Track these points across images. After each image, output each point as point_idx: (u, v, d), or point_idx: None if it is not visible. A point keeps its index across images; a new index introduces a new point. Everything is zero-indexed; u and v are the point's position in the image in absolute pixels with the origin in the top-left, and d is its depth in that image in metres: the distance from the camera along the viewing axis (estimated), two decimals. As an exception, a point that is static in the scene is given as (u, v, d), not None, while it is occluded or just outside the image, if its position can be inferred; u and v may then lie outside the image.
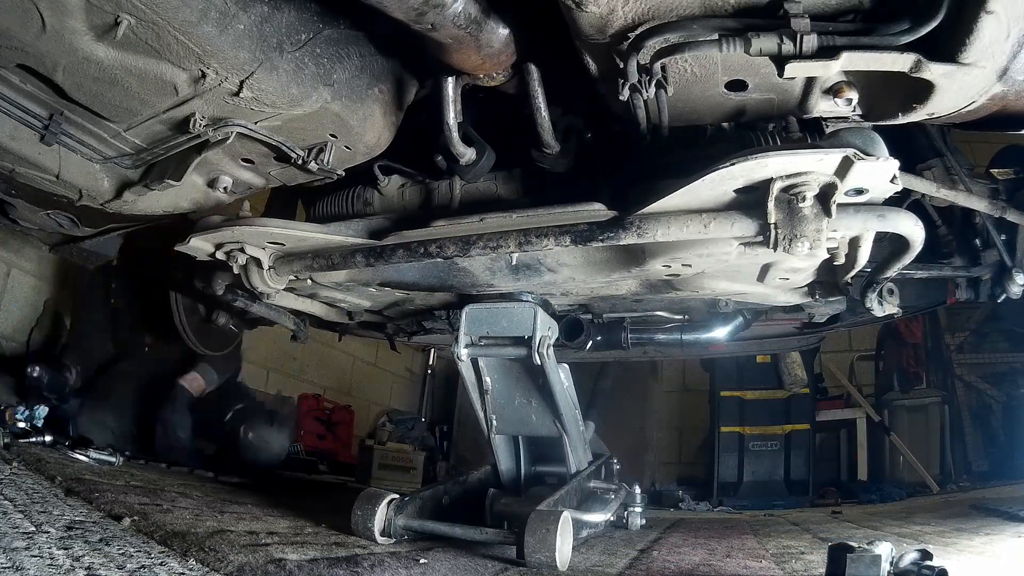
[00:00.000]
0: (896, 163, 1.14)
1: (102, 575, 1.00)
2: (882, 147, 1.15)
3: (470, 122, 1.58)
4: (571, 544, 1.53)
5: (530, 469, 2.15)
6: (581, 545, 1.86)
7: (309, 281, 1.89)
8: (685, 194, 1.28)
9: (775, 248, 1.24)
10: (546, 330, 1.83)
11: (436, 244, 1.57)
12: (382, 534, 1.67)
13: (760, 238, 1.28)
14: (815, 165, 1.17)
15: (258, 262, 1.77)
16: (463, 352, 1.84)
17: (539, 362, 1.76)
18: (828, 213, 1.21)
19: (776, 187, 1.21)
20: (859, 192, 1.23)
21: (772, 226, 1.23)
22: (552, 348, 1.81)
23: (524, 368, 1.90)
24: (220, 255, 1.76)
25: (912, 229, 1.32)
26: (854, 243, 1.38)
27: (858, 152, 1.12)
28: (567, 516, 1.51)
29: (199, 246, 1.74)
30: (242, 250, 1.73)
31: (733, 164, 1.17)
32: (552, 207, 1.51)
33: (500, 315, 1.85)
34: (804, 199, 1.20)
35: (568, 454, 2.02)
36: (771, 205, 1.21)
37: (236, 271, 1.79)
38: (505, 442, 2.11)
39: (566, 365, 1.99)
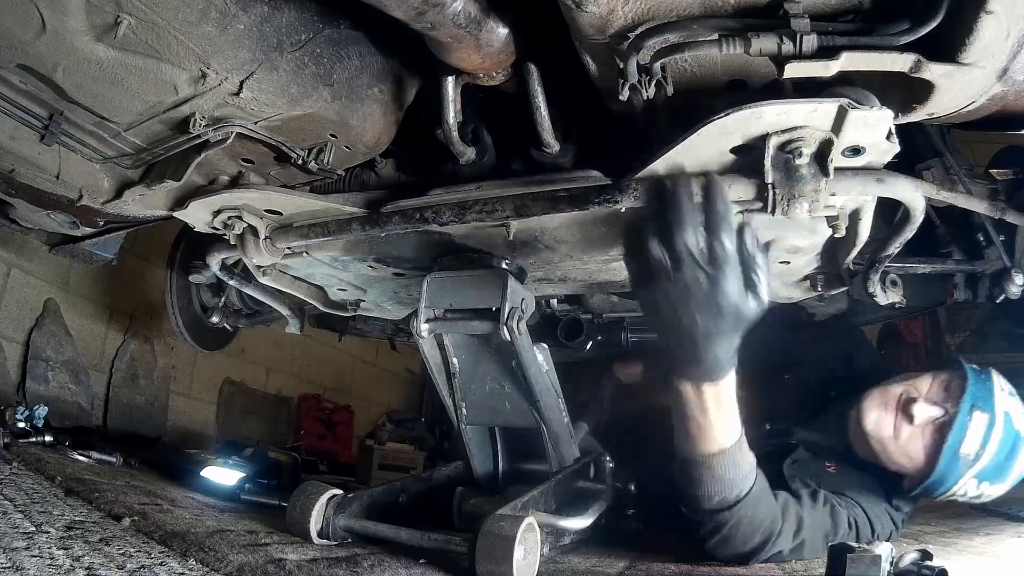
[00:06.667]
0: (890, 113, 1.13)
1: (102, 575, 1.00)
2: (875, 100, 1.15)
3: (470, 121, 1.58)
4: (538, 556, 1.34)
5: (510, 465, 1.93)
6: (572, 550, 1.82)
7: (304, 255, 1.86)
8: (681, 151, 1.26)
9: (773, 211, 1.23)
10: (518, 301, 1.61)
11: (432, 210, 1.54)
12: (320, 535, 1.52)
13: (759, 203, 1.28)
14: (810, 116, 1.15)
15: (255, 232, 1.75)
16: (423, 328, 1.63)
17: (508, 337, 1.56)
18: (826, 172, 1.20)
19: (772, 143, 1.20)
20: (856, 152, 1.23)
21: (770, 187, 1.23)
22: (525, 323, 1.61)
23: (495, 347, 1.69)
24: (218, 224, 1.74)
25: (912, 195, 1.31)
26: (855, 216, 1.38)
27: (852, 102, 1.11)
28: (531, 523, 1.31)
29: (197, 211, 1.71)
30: (240, 217, 1.71)
31: (727, 115, 1.15)
32: (549, 174, 1.49)
33: (465, 284, 1.62)
34: (801, 155, 1.20)
35: (548, 447, 1.80)
36: (768, 163, 1.21)
37: (233, 241, 1.77)
38: (478, 434, 1.89)
39: (545, 345, 1.79)
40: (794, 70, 1.07)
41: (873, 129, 1.17)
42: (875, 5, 1.08)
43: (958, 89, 1.14)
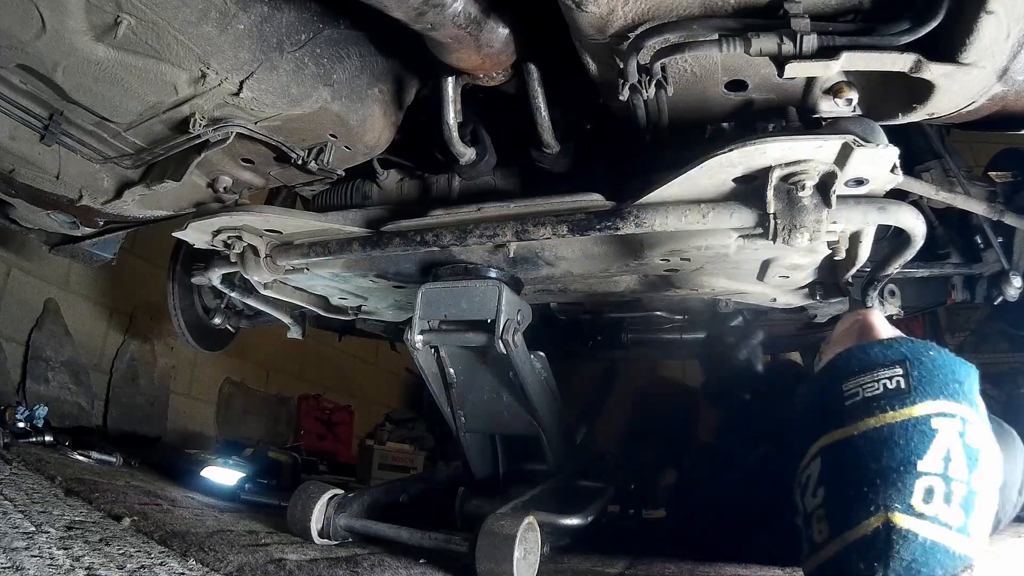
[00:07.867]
0: (896, 150, 1.12)
1: (102, 575, 1.00)
2: (882, 136, 1.14)
3: (470, 122, 1.58)
4: (538, 555, 1.35)
5: (510, 466, 1.93)
6: (572, 549, 1.81)
7: (305, 271, 1.85)
8: (683, 183, 1.26)
9: (774, 239, 1.22)
10: (514, 313, 1.58)
11: (433, 232, 1.53)
12: (321, 534, 1.53)
13: (759, 229, 1.27)
14: (814, 152, 1.15)
15: (255, 250, 1.74)
16: (418, 339, 1.63)
17: (504, 351, 1.54)
18: (828, 203, 1.20)
19: (775, 175, 1.19)
20: (859, 183, 1.22)
21: (771, 216, 1.22)
22: (521, 334, 1.60)
23: (492, 358, 1.67)
24: (217, 243, 1.74)
25: (913, 223, 1.31)
26: (855, 238, 1.37)
27: (857, 139, 1.10)
28: (531, 522, 1.34)
29: (196, 233, 1.71)
30: (239, 238, 1.70)
31: (732, 150, 1.15)
32: (550, 197, 1.49)
33: (460, 295, 1.61)
34: (804, 188, 1.19)
35: (548, 453, 1.80)
36: (770, 194, 1.20)
37: (233, 260, 1.76)
38: (478, 439, 1.89)
39: (542, 353, 1.78)
40: (794, 70, 1.07)
41: (878, 164, 1.16)
42: (875, 5, 1.08)
43: (958, 89, 1.14)
